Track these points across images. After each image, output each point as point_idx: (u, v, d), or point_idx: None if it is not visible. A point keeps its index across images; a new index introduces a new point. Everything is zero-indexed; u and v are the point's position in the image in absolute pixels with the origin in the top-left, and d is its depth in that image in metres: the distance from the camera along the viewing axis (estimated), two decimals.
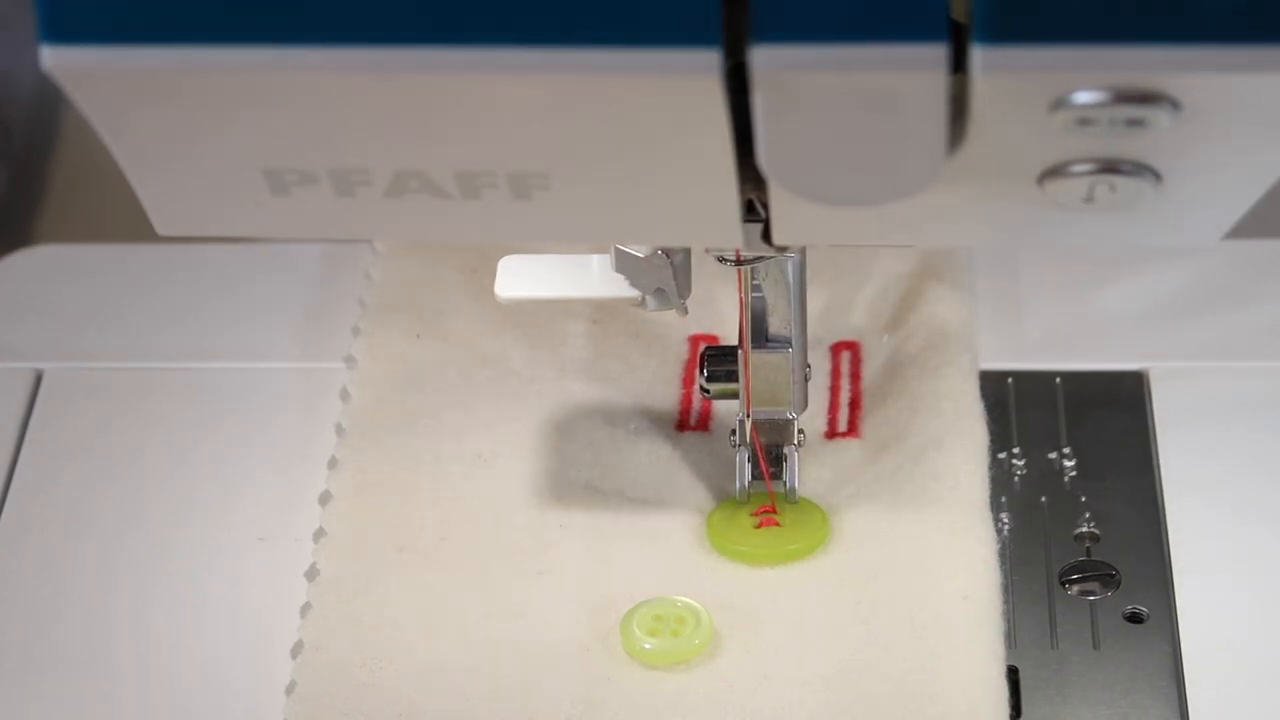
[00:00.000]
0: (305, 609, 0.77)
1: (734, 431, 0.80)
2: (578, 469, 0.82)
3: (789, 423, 0.79)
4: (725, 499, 0.81)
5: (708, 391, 0.79)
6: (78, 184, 1.05)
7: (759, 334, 0.77)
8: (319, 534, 0.80)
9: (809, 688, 0.74)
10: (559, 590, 0.78)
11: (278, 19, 0.56)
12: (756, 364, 0.77)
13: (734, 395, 0.78)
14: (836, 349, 0.87)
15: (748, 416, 0.79)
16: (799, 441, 0.80)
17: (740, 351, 0.78)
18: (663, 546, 0.79)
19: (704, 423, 0.84)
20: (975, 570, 0.77)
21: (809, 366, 0.79)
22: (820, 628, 0.76)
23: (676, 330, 0.87)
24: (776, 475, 0.80)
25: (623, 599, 0.77)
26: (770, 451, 0.80)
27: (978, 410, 0.82)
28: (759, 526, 0.79)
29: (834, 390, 0.85)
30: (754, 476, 0.80)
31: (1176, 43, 0.54)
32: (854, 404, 0.85)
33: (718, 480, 0.81)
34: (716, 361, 0.79)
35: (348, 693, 0.74)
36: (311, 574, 0.79)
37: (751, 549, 0.79)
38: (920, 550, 0.77)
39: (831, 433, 0.84)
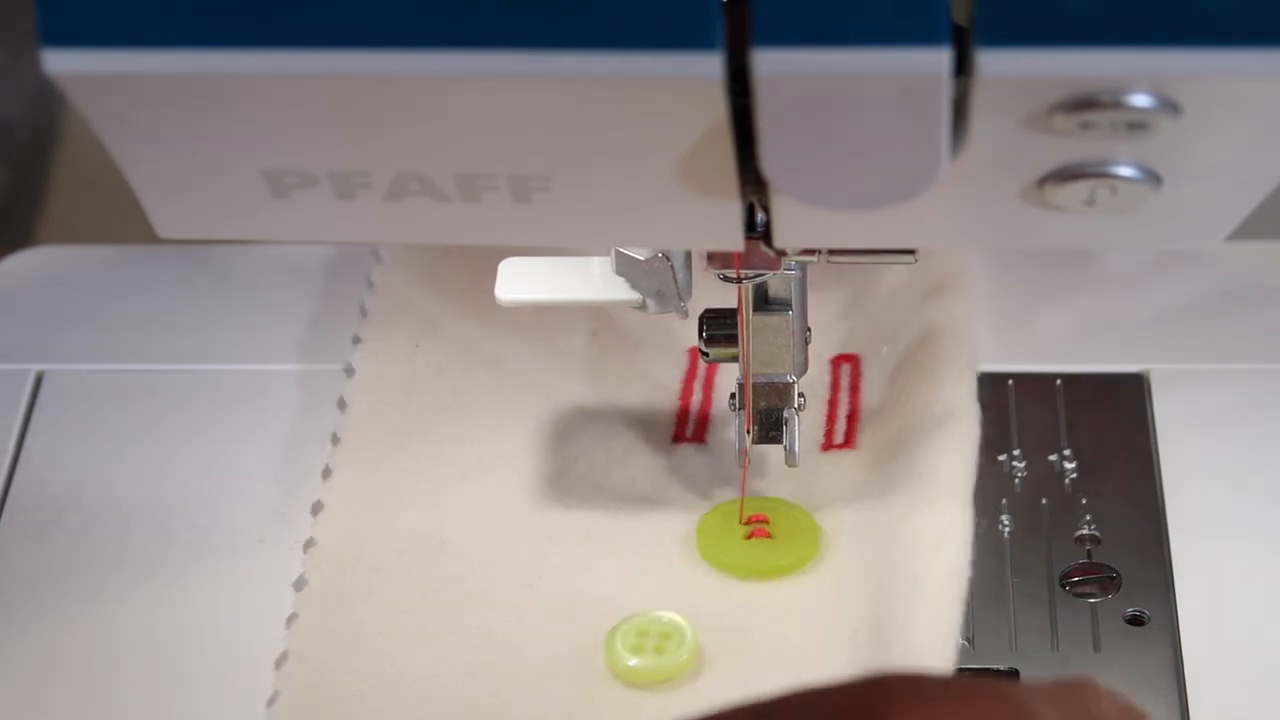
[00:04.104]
0: (291, 619, 0.77)
1: (733, 395, 0.79)
2: (571, 480, 0.82)
3: (789, 386, 0.79)
4: (718, 505, 0.81)
5: (707, 355, 0.79)
6: (78, 185, 1.05)
7: (759, 296, 0.77)
8: (309, 544, 0.80)
9: None
10: (546, 603, 0.77)
11: (278, 22, 0.56)
12: (756, 326, 0.77)
13: (733, 358, 0.78)
14: (837, 362, 0.87)
15: (747, 381, 0.79)
16: (799, 405, 0.80)
17: (741, 361, 0.78)
18: (652, 558, 0.79)
19: (700, 434, 0.84)
20: (942, 570, 0.75)
21: (809, 329, 0.79)
22: (807, 645, 0.76)
23: (677, 342, 0.87)
24: (776, 439, 0.80)
25: (610, 611, 0.76)
26: (770, 415, 0.80)
27: (973, 419, 0.81)
28: (750, 537, 0.79)
29: (832, 404, 0.85)
30: (754, 441, 0.80)
31: (1177, 46, 0.54)
32: (851, 417, 0.84)
33: (711, 492, 0.81)
34: (716, 324, 0.78)
35: (331, 704, 0.74)
36: (300, 584, 0.78)
37: (741, 561, 0.78)
38: (912, 565, 0.76)
39: (828, 445, 0.84)
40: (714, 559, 0.79)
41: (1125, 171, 0.58)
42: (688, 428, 0.85)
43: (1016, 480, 0.83)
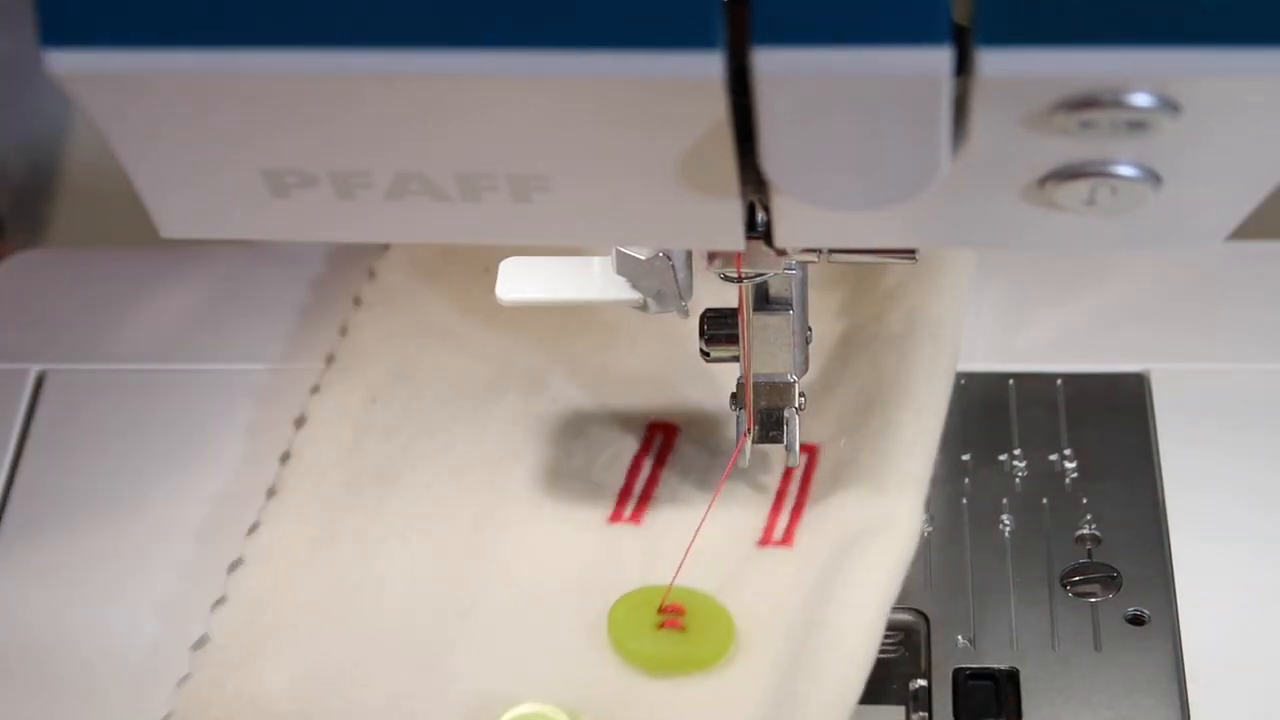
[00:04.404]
0: (184, 680, 0.76)
1: (734, 394, 0.79)
2: (494, 557, 0.80)
3: (789, 385, 0.79)
4: (633, 592, 0.78)
5: (707, 354, 0.78)
6: (81, 186, 1.05)
7: (760, 296, 0.77)
8: (218, 602, 0.79)
9: None
10: (443, 683, 0.76)
11: (278, 21, 0.56)
12: (757, 325, 0.77)
13: (734, 358, 0.78)
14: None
15: (747, 382, 0.78)
16: (800, 404, 0.79)
17: (741, 361, 0.78)
18: (560, 643, 0.77)
19: (637, 516, 0.82)
20: (830, 687, 0.73)
21: (809, 329, 0.79)
22: None
23: (639, 414, 0.85)
24: (776, 439, 0.79)
25: (510, 697, 0.75)
26: (771, 414, 0.79)
27: (909, 534, 0.78)
28: (662, 627, 0.76)
29: (780, 495, 0.82)
30: (755, 440, 0.79)
31: (1177, 45, 0.54)
32: (796, 511, 0.81)
33: (637, 578, 0.79)
34: (716, 324, 0.78)
35: None
36: (200, 642, 0.78)
37: (649, 652, 0.76)
38: (820, 675, 0.74)
39: (766, 540, 0.80)
40: (623, 647, 0.76)
41: (1125, 171, 0.58)
42: (626, 507, 0.82)
43: (1016, 480, 0.83)
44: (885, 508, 0.78)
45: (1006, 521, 0.81)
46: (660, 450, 0.85)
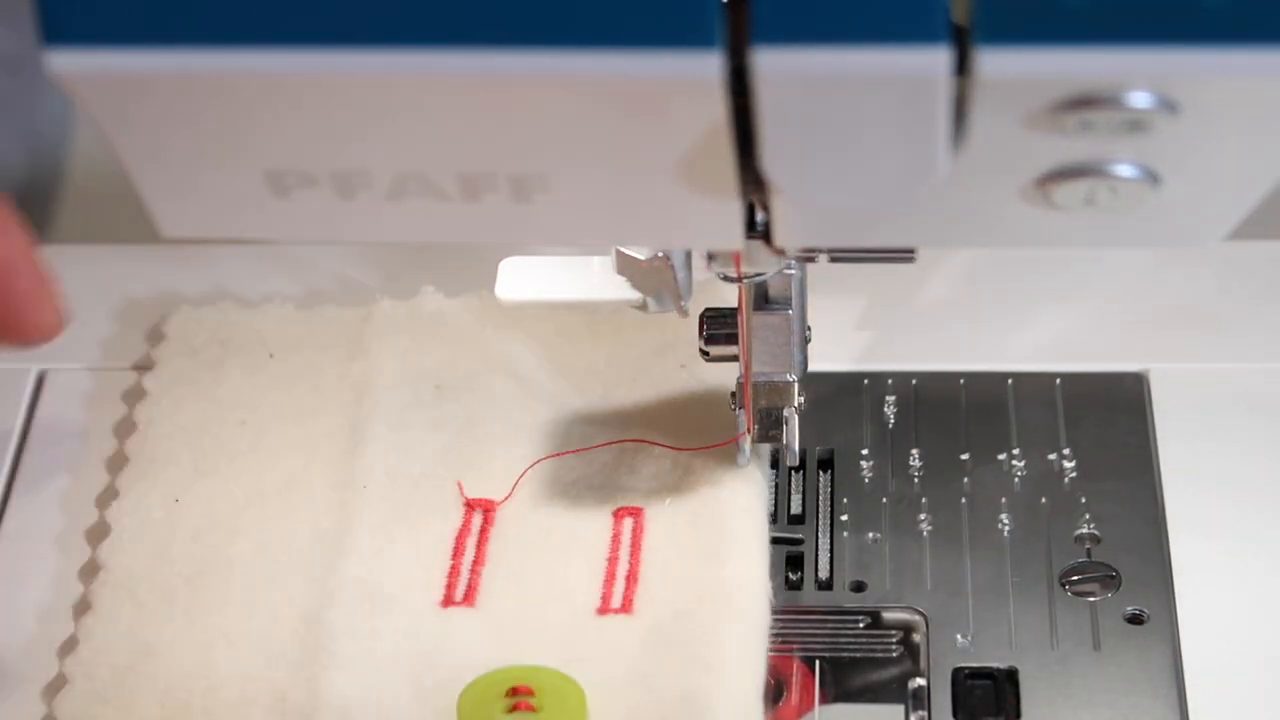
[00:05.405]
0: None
1: (733, 394, 0.79)
2: (325, 663, 0.76)
3: (789, 385, 0.79)
4: (480, 678, 0.74)
5: (707, 354, 0.78)
6: (83, 185, 1.05)
7: (759, 296, 0.77)
8: (98, 568, 0.79)
9: None
10: None
11: (279, 21, 0.56)
12: (756, 325, 0.77)
13: (734, 358, 0.78)
14: (619, 515, 0.81)
15: (747, 380, 0.78)
16: (799, 404, 0.79)
17: (741, 361, 0.78)
18: None
19: (470, 598, 0.78)
20: None
21: (809, 329, 0.79)
22: None
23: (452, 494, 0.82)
24: (775, 438, 0.80)
25: None
26: (770, 414, 0.79)
27: (761, 603, 0.77)
28: (513, 710, 0.73)
29: (612, 561, 0.79)
30: (755, 440, 0.79)
31: (1177, 46, 0.54)
32: (631, 578, 0.78)
33: (480, 659, 0.75)
34: (716, 324, 0.78)
35: None
36: (82, 607, 0.78)
37: None
38: None
39: (604, 608, 0.77)
40: None
41: (1125, 171, 0.58)
42: (457, 590, 0.78)
43: (1016, 480, 0.83)
44: (728, 574, 0.77)
45: (1005, 521, 0.82)
46: (480, 530, 0.80)
